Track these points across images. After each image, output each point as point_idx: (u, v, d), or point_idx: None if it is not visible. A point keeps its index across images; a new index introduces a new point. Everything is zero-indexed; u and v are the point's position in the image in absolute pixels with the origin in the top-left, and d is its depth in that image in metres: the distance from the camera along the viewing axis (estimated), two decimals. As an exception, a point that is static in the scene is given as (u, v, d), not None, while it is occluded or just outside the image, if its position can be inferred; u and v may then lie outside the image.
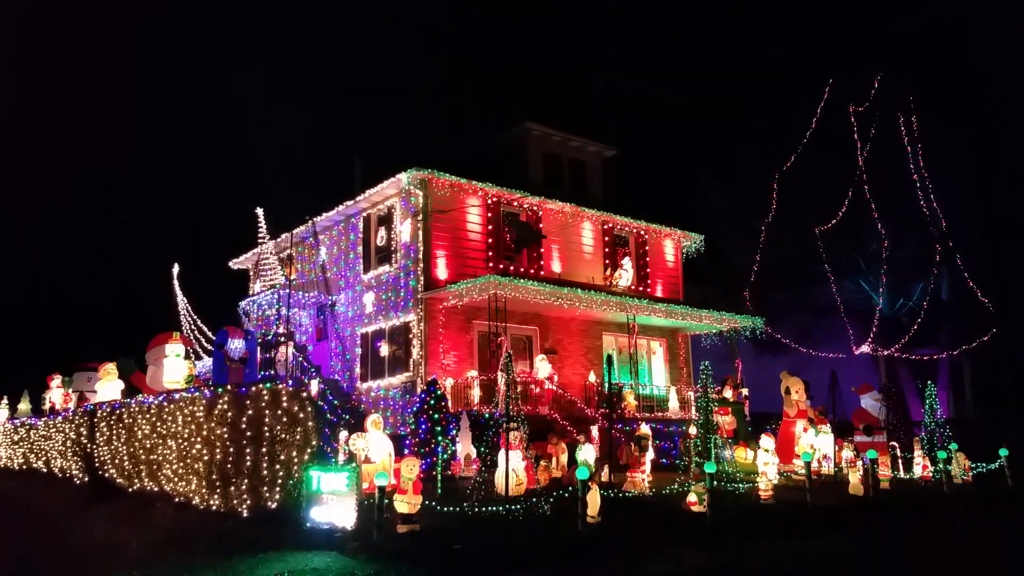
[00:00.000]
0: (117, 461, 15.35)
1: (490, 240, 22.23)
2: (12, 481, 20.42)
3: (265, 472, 11.51)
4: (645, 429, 16.35)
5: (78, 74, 61.33)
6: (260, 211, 23.79)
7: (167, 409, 13.62)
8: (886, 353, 27.65)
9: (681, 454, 18.99)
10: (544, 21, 63.02)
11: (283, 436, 11.56)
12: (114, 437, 15.51)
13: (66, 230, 52.97)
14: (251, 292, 27.18)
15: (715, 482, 12.91)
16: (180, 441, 13.01)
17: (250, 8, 66.04)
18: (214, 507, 11.97)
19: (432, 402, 16.12)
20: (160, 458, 13.67)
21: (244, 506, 11.51)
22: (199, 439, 12.46)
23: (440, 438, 15.50)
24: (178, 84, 63.58)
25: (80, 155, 57.19)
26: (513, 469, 13.21)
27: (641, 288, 25.08)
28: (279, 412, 11.63)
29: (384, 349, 22.16)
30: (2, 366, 35.13)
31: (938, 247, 26.07)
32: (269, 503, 11.45)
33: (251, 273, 28.56)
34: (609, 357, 17.99)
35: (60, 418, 18.97)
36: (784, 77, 33.60)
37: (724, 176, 32.88)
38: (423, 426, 15.92)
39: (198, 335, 25.13)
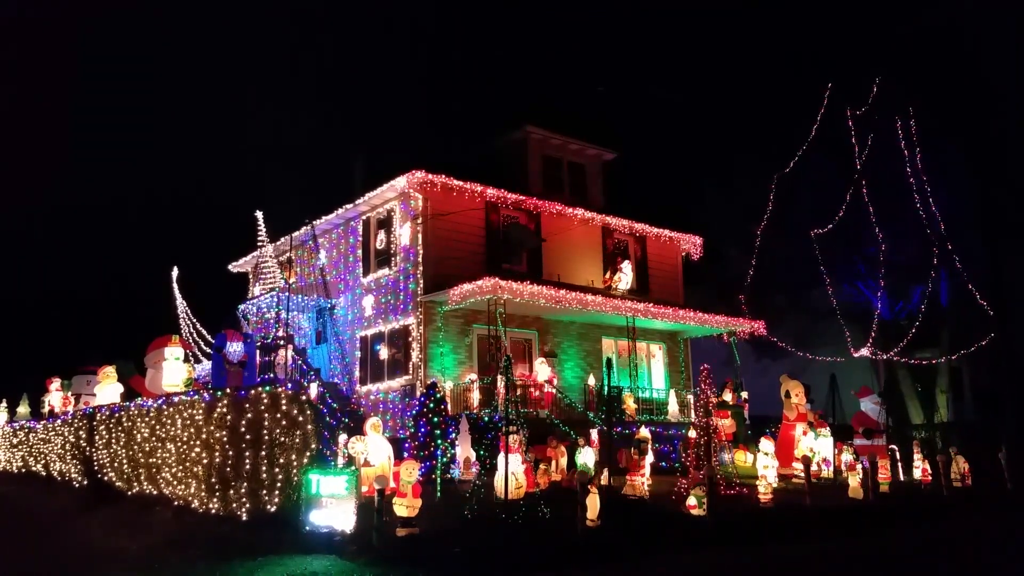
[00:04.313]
0: (116, 465, 15.33)
1: (489, 243, 22.22)
2: (11, 485, 20.38)
3: (264, 475, 11.50)
4: (644, 432, 16.34)
5: (75, 76, 61.37)
6: (260, 214, 23.78)
7: (166, 412, 13.61)
8: (885, 357, 27.64)
9: (680, 457, 18.97)
10: (544, 24, 63.11)
11: (282, 439, 11.56)
12: (113, 440, 15.49)
13: (66, 232, 53.00)
14: (250, 295, 27.16)
15: (714, 485, 12.91)
16: (179, 444, 13.00)
17: (249, 11, 66.14)
18: (213, 511, 11.95)
19: (431, 405, 16.10)
20: (159, 461, 13.65)
21: (243, 509, 11.50)
22: (198, 442, 12.45)
23: (439, 441, 15.48)
24: (177, 87, 63.64)
25: (80, 157, 57.22)
26: (512, 472, 13.19)
27: (641, 291, 25.07)
28: (278, 415, 11.62)
29: (383, 352, 22.16)
30: (1, 369, 35.10)
31: (936, 250, 26.07)
32: (268, 506, 11.44)
33: (250, 276, 28.56)
34: (608, 360, 17.94)
35: (59, 421, 18.93)
36: (785, 79, 33.61)
37: (724, 179, 32.88)
38: (422, 429, 15.90)
39: (197, 338, 25.08)
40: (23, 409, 24.19)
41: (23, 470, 21.17)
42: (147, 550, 11.08)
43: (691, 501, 13.24)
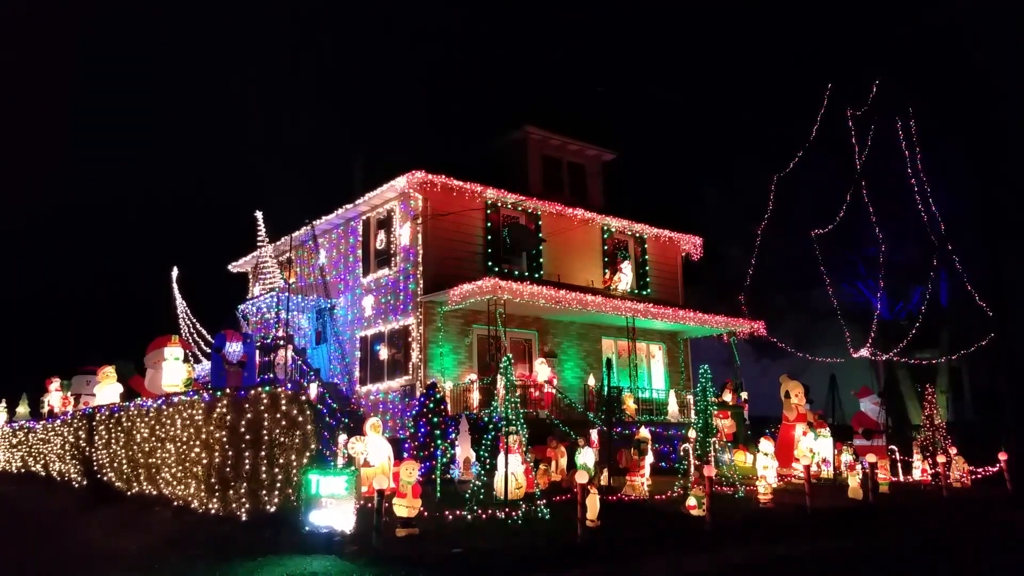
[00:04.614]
0: (116, 465, 15.32)
1: (489, 243, 22.22)
2: (10, 485, 20.36)
3: (264, 476, 11.49)
4: (644, 433, 16.34)
5: (75, 76, 61.37)
6: (259, 214, 23.79)
7: (166, 412, 13.59)
8: (885, 357, 27.63)
9: (680, 458, 18.98)
10: (544, 24, 63.12)
11: (282, 439, 11.54)
12: (113, 441, 15.48)
13: (66, 232, 53.02)
14: (250, 295, 27.16)
15: (714, 486, 12.90)
16: (179, 445, 12.99)
17: (249, 11, 66.15)
18: (213, 511, 11.94)
19: (431, 405, 16.10)
20: (159, 462, 13.64)
21: (243, 510, 11.49)
22: (198, 443, 12.44)
23: (439, 441, 15.48)
24: (177, 87, 63.64)
25: (80, 157, 57.22)
26: (512, 472, 13.19)
27: (640, 292, 25.07)
28: (278, 415, 11.61)
29: (383, 352, 22.15)
30: (1, 369, 35.10)
31: (936, 250, 26.06)
32: (268, 507, 11.43)
33: (250, 276, 28.55)
34: (608, 360, 17.95)
35: (59, 421, 18.92)
36: (785, 80, 33.64)
37: (724, 179, 32.88)
38: (422, 429, 15.90)
39: (197, 338, 25.10)
40: (23, 409, 24.18)
41: (23, 470, 21.16)
42: (147, 550, 11.07)
43: (691, 501, 13.24)
